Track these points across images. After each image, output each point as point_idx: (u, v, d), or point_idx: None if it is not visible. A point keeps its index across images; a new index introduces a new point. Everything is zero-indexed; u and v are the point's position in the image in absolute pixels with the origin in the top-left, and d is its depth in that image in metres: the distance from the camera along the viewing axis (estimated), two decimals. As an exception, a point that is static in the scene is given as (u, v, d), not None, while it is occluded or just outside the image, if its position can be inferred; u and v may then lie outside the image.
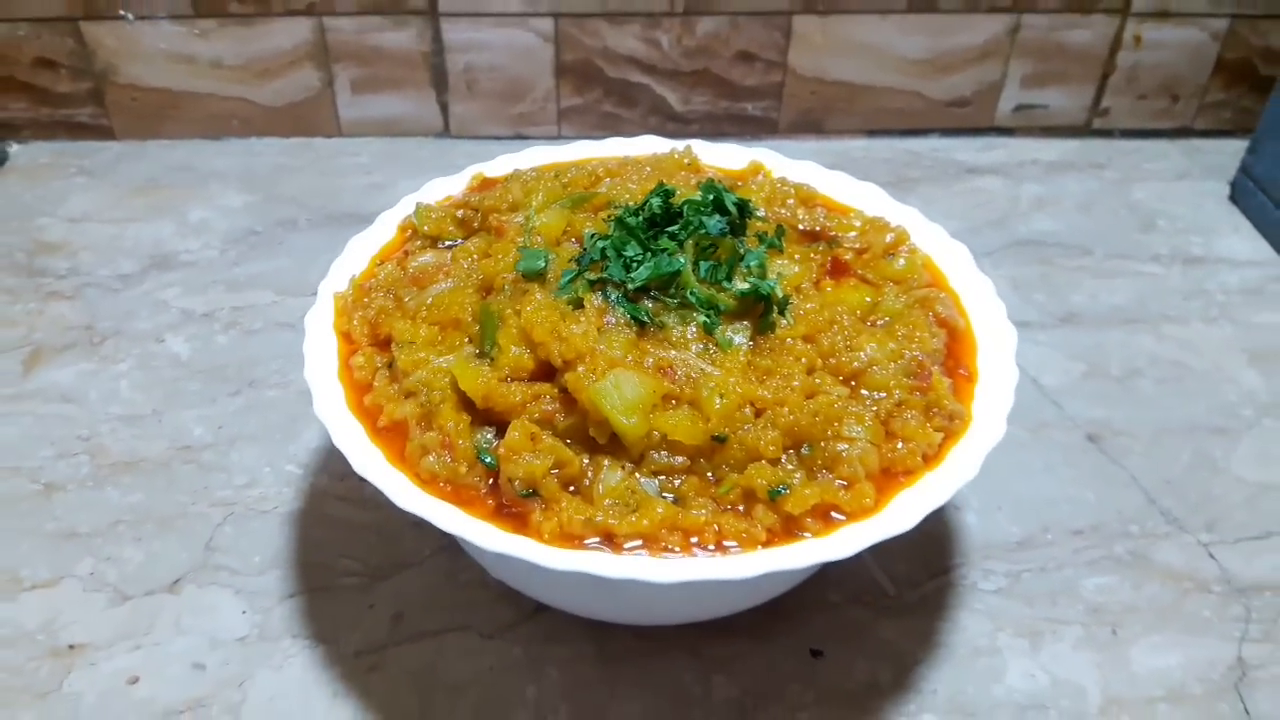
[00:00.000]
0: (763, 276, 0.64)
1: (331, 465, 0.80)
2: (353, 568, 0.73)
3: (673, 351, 0.60)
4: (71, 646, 0.68)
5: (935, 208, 1.10)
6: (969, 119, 1.20)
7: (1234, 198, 1.12)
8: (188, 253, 1.01)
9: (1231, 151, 1.18)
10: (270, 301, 0.95)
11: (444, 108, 1.16)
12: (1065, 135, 1.22)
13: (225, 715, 0.65)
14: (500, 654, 0.68)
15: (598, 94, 1.15)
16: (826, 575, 0.72)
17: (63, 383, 0.87)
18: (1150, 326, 0.96)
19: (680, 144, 0.83)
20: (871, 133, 1.21)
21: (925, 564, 0.75)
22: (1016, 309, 0.97)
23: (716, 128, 1.19)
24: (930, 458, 0.60)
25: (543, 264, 0.64)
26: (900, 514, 0.57)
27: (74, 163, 1.12)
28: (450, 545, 0.74)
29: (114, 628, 0.69)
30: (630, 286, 0.62)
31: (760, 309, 0.63)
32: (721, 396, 0.58)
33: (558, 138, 1.19)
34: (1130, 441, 0.84)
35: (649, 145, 0.84)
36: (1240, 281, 1.02)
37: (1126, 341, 0.94)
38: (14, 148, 1.14)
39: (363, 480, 0.77)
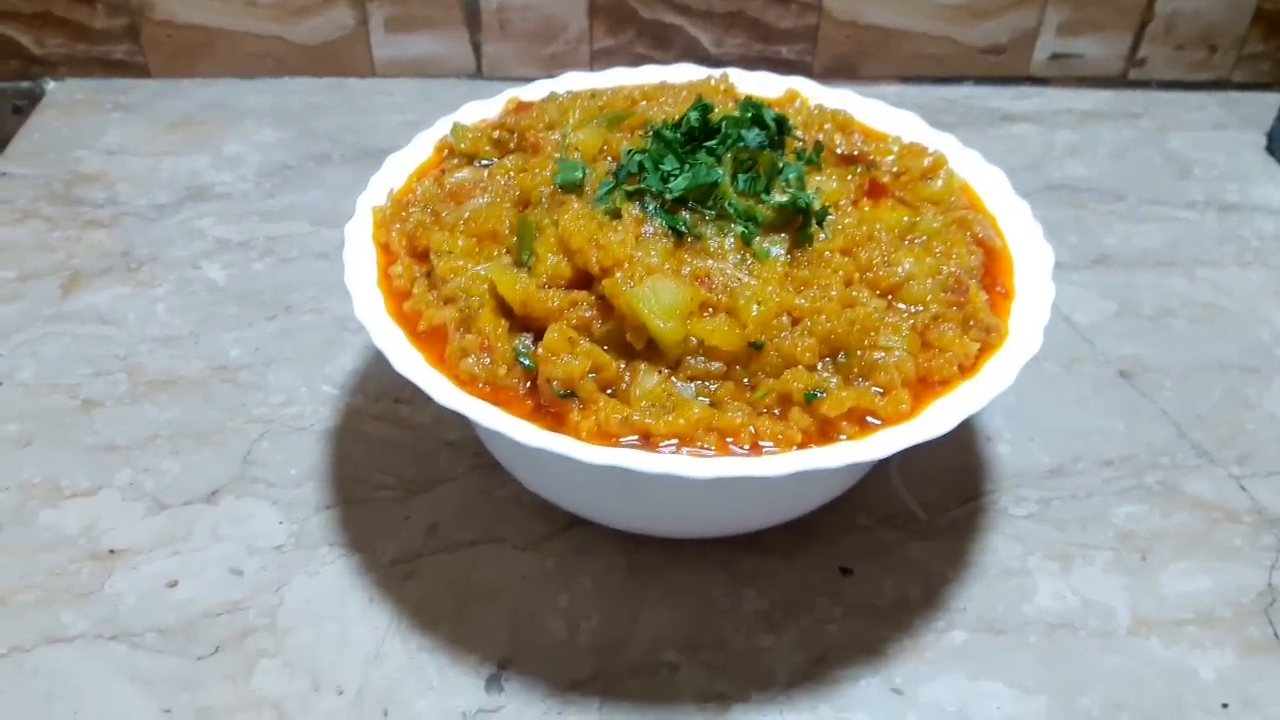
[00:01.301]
0: (801, 189, 0.64)
1: (367, 386, 0.81)
2: (388, 482, 0.74)
3: (710, 261, 0.60)
4: (112, 551, 0.69)
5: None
6: (1003, 67, 1.19)
7: (1271, 149, 1.11)
8: (222, 184, 1.02)
9: (1269, 104, 1.16)
10: (306, 231, 0.96)
11: (476, 48, 1.16)
12: (1100, 85, 1.21)
13: (262, 618, 0.66)
14: (533, 564, 0.69)
15: (631, 35, 1.15)
16: (856, 499, 0.73)
17: (100, 305, 0.88)
18: (1183, 269, 0.96)
19: (717, 71, 0.83)
20: (905, 79, 1.20)
21: (956, 490, 0.75)
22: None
23: (750, 69, 1.18)
24: (967, 368, 0.60)
25: (580, 175, 0.65)
26: (936, 419, 0.57)
27: (110, 99, 1.13)
28: (484, 464, 0.75)
29: (153, 534, 0.70)
30: (668, 197, 0.62)
31: (798, 222, 0.63)
32: (759, 304, 0.58)
33: (589, 81, 1.19)
34: (1161, 378, 0.84)
35: (685, 73, 0.84)
36: (1276, 228, 1.01)
37: (1159, 283, 0.94)
38: (51, 84, 1.15)
39: (399, 400, 0.79)
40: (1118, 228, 1.00)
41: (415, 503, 0.73)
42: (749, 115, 0.68)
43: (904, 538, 0.72)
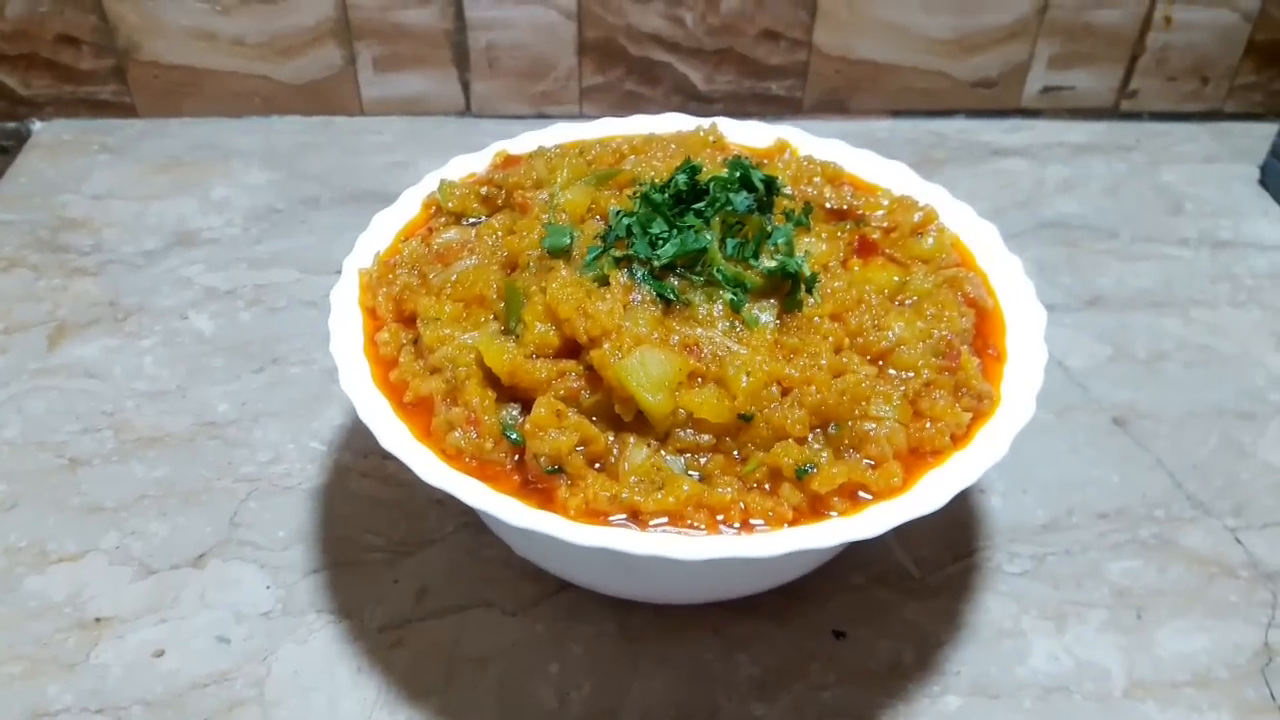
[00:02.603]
0: (790, 254, 0.63)
1: (355, 442, 0.80)
2: (376, 543, 0.73)
3: (699, 329, 0.60)
4: (98, 619, 0.68)
5: (960, 190, 1.07)
6: (995, 100, 1.19)
7: (1264, 181, 1.11)
8: (210, 230, 1.01)
9: (1262, 135, 1.16)
10: (294, 279, 0.95)
11: (465, 86, 1.15)
12: (1092, 118, 1.20)
13: (250, 689, 0.65)
14: (523, 630, 0.68)
15: (620, 72, 1.15)
16: (850, 557, 0.72)
17: (87, 358, 0.87)
18: (1177, 310, 0.95)
19: (705, 121, 0.83)
20: (896, 113, 1.20)
21: (950, 546, 0.74)
22: (1042, 292, 0.94)
23: (740, 107, 1.18)
24: (959, 438, 0.60)
25: (568, 240, 0.64)
26: (928, 494, 0.56)
27: (96, 140, 1.12)
28: (473, 522, 0.74)
29: (140, 601, 0.70)
30: (656, 264, 0.61)
31: (787, 287, 0.62)
32: (748, 375, 0.58)
33: (579, 116, 1.18)
34: (1156, 425, 0.84)
35: (674, 123, 0.84)
36: (1269, 265, 1.00)
37: (1153, 325, 0.93)
38: (37, 125, 1.15)
39: (387, 457, 0.78)
40: (1111, 267, 1.00)
41: (404, 565, 0.72)
42: (737, 176, 0.67)
43: (898, 597, 0.71)
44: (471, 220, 0.74)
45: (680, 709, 0.64)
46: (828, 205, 0.74)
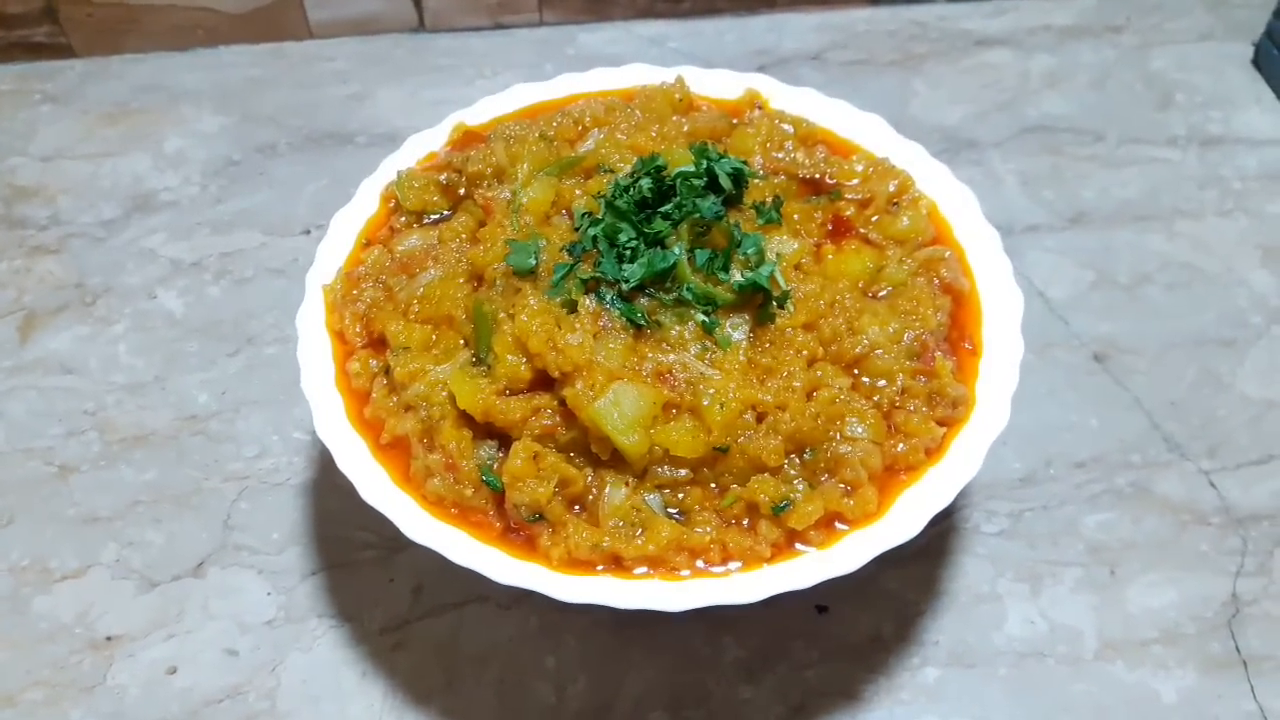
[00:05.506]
0: (760, 262, 0.62)
1: (338, 432, 0.80)
2: (369, 540, 0.75)
3: (671, 355, 0.59)
4: (109, 638, 0.71)
5: (942, 91, 1.05)
6: (979, -19, 1.12)
7: (1257, 62, 1.06)
8: (167, 191, 0.97)
9: (1259, 4, 1.10)
10: (259, 244, 0.93)
11: (417, 3, 1.09)
12: (1082, -8, 1.14)
13: (262, 701, 0.68)
14: (519, 624, 0.71)
15: (581, -22, 1.08)
16: (832, 525, 0.74)
17: (61, 351, 0.86)
18: (1162, 223, 0.93)
19: (670, 73, 0.79)
20: (876, 0, 1.13)
21: (929, 507, 0.76)
22: (1025, 210, 0.94)
23: (710, 3, 1.11)
24: (933, 451, 0.60)
25: (533, 261, 0.62)
26: (904, 518, 0.57)
27: (38, 87, 1.07)
28: (462, 513, 0.75)
29: (146, 616, 0.72)
30: (625, 286, 0.60)
31: (759, 300, 0.61)
32: (722, 405, 0.57)
33: (540, 24, 1.12)
34: (1135, 360, 0.84)
35: (636, 75, 0.80)
36: (1259, 165, 0.98)
37: (1136, 243, 0.92)
38: (-28, 72, 1.09)
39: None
40: (1096, 177, 0.97)
41: (397, 562, 0.74)
42: (704, 169, 0.65)
43: (878, 565, 0.71)
44: (433, 216, 0.72)
45: (672, 697, 0.68)
46: (800, 174, 0.72)
